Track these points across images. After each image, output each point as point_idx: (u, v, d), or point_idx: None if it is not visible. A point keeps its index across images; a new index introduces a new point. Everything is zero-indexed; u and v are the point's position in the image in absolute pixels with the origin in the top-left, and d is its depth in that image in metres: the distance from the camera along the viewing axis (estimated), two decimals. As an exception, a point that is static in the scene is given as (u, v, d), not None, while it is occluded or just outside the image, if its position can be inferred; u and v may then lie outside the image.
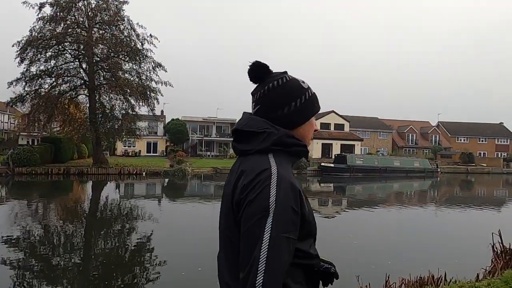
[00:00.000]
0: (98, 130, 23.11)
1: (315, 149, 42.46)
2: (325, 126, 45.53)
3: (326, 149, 42.44)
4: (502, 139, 54.75)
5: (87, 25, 23.38)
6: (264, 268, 0.80)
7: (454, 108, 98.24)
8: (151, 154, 43.32)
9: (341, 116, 46.75)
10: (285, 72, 1.07)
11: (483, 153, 51.89)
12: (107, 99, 24.40)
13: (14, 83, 21.66)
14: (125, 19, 24.19)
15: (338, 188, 23.47)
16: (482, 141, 54.22)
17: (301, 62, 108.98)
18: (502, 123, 57.38)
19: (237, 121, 1.08)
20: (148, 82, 24.21)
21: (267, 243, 0.82)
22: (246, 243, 0.85)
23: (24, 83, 21.71)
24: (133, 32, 24.25)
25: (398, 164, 33.01)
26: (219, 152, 45.31)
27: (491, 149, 53.48)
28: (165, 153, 42.16)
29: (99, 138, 23.68)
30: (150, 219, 10.97)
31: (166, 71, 24.96)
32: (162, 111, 49.56)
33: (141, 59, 24.03)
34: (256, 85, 1.06)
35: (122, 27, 24.30)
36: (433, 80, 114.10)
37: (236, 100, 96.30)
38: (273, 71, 1.06)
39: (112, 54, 24.24)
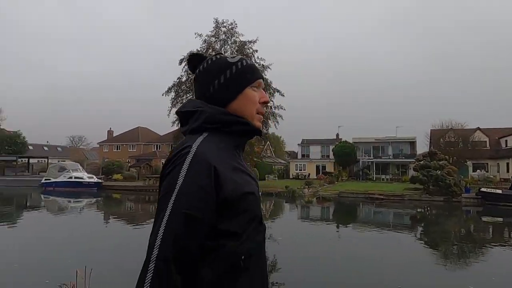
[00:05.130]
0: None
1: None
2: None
3: None
4: None
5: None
6: (159, 244, 0.81)
7: None
8: (320, 177, 44.42)
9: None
10: (220, 53, 1.07)
11: None
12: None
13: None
14: (254, 57, 27.87)
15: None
16: None
17: None
18: None
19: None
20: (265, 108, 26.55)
21: (166, 219, 0.82)
22: (155, 216, 0.86)
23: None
24: (259, 66, 27.56)
25: None
26: (393, 174, 40.59)
27: None
28: (334, 176, 42.22)
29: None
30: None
31: (283, 95, 26.67)
32: (337, 134, 50.09)
33: (266, 88, 26.81)
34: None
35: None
36: None
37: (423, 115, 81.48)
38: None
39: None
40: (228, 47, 28.21)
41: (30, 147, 48.60)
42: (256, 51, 28.33)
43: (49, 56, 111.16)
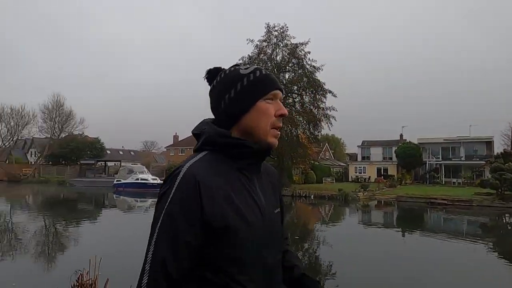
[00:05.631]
0: (283, 156, 26.83)
1: None
2: None
3: None
4: None
5: (275, 71, 28.67)
6: (148, 268, 0.81)
7: None
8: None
9: None
10: (236, 65, 1.01)
11: None
12: (291, 129, 28.01)
13: None
14: (306, 59, 27.64)
15: None
16: None
17: None
18: None
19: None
20: (317, 110, 26.09)
21: (153, 245, 0.82)
22: (149, 238, 0.85)
23: None
24: (311, 68, 27.26)
25: None
26: (465, 178, 36.97)
27: None
28: (395, 179, 39.92)
29: (282, 163, 27.41)
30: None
31: (335, 96, 25.92)
32: (401, 135, 47.23)
33: (318, 89, 26.49)
34: None
35: (307, 66, 27.92)
36: None
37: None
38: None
39: (301, 91, 28.18)
40: (280, 50, 28.40)
41: (108, 152, 54.12)
42: (309, 52, 28.05)
43: (130, 70, 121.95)
